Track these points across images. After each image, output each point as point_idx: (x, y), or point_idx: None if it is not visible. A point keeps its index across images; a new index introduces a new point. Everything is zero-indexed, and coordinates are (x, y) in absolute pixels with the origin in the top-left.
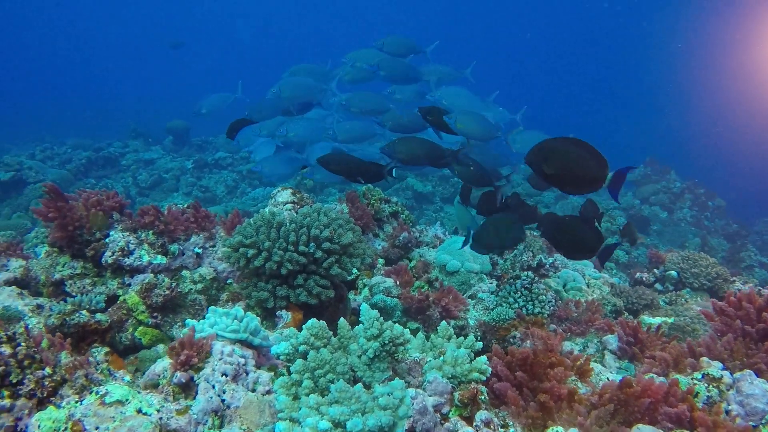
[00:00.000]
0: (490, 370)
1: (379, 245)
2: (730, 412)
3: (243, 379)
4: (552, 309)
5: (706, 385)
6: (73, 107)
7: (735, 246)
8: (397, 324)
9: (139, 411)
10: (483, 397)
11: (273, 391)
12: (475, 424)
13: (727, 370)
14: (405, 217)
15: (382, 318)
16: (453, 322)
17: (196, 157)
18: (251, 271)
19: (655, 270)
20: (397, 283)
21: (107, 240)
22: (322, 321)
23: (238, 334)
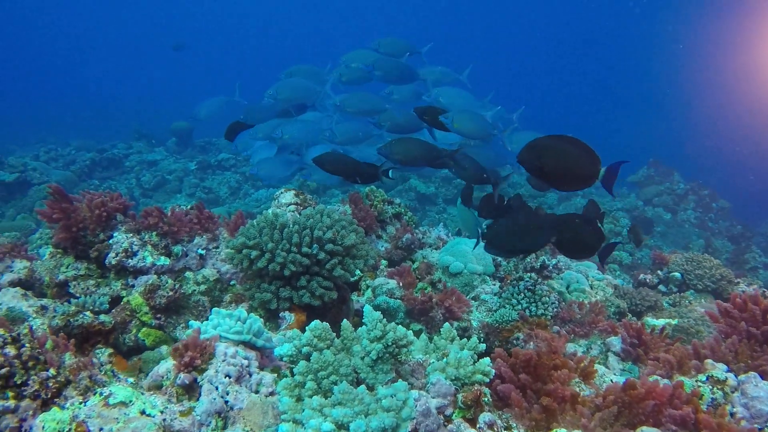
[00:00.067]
0: (493, 372)
1: (382, 247)
2: (734, 414)
3: (246, 380)
4: (555, 310)
5: (711, 387)
6: (75, 108)
7: (739, 248)
8: (400, 325)
9: (143, 412)
10: (486, 399)
11: (276, 392)
12: (478, 426)
13: (732, 373)
14: (408, 218)
15: (385, 319)
16: (456, 323)
17: (200, 158)
18: (254, 273)
19: (658, 271)
20: (400, 284)
21: (111, 241)
22: (325, 322)
23: (242, 336)
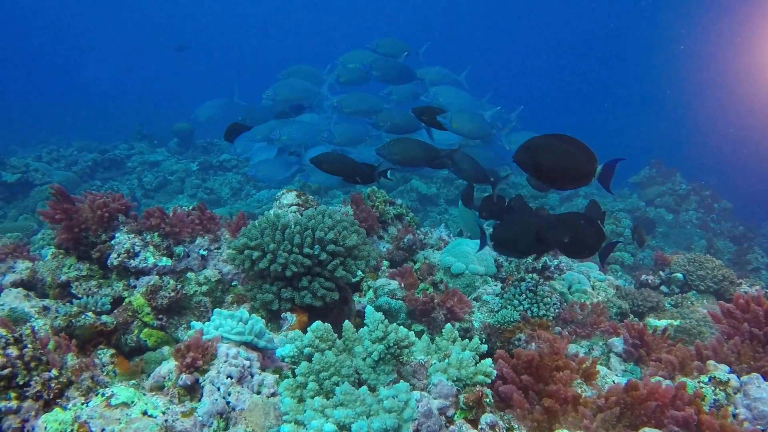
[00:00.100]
0: (495, 373)
1: (384, 247)
2: (737, 415)
3: (248, 381)
4: (557, 311)
5: (713, 388)
6: (77, 109)
7: (741, 248)
8: (401, 326)
9: (145, 413)
10: (488, 400)
11: (278, 393)
12: (480, 427)
13: (735, 374)
14: (409, 219)
15: (386, 320)
16: (458, 324)
17: (201, 159)
18: (256, 273)
19: (660, 272)
20: (402, 285)
21: (113, 242)
22: (326, 323)
23: (243, 337)
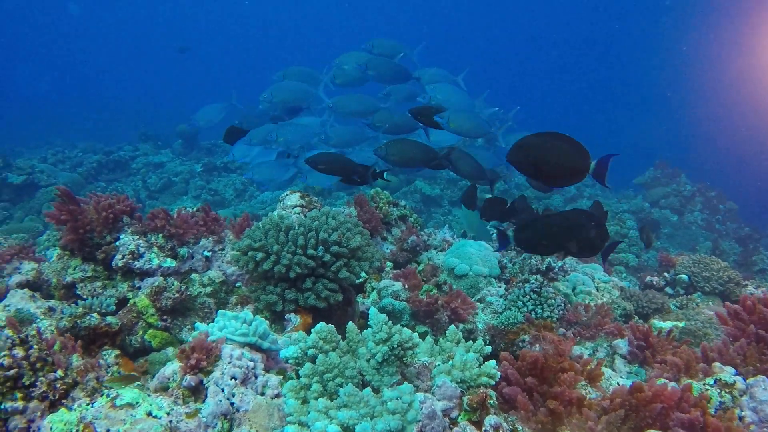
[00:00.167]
0: (499, 375)
1: (388, 249)
2: (743, 418)
3: (252, 382)
4: (561, 313)
5: (719, 390)
6: (81, 111)
7: (747, 249)
8: (405, 328)
9: (149, 414)
10: (492, 402)
11: (282, 394)
12: (484, 428)
13: (740, 376)
14: (413, 220)
15: (390, 321)
16: (462, 325)
17: (205, 160)
18: (260, 275)
19: (665, 273)
20: (406, 286)
21: (117, 243)
22: (330, 325)
23: (247, 338)
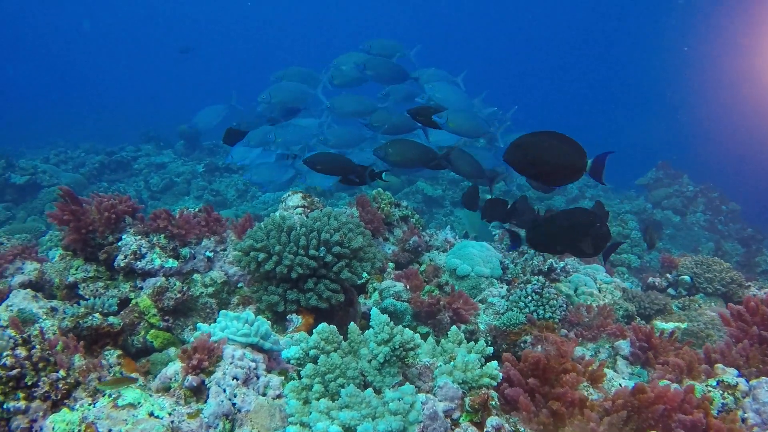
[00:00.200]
0: (501, 376)
1: (389, 249)
2: (746, 420)
3: (254, 383)
4: (563, 314)
5: (721, 392)
6: (84, 111)
7: (750, 250)
8: (407, 328)
9: (151, 414)
10: (494, 403)
11: (283, 395)
12: (486, 429)
13: (743, 377)
14: (415, 221)
15: (392, 322)
16: (463, 326)
17: (207, 161)
18: (262, 275)
19: (667, 275)
20: (408, 287)
21: (120, 244)
22: (332, 325)
23: (249, 338)
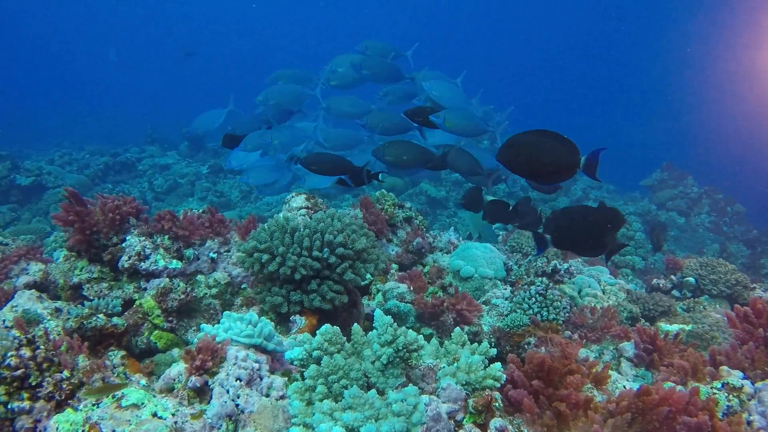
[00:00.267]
0: (504, 377)
1: (393, 251)
2: (752, 423)
3: (257, 384)
4: (567, 315)
5: (726, 394)
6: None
7: (755, 252)
8: (410, 330)
9: (155, 415)
10: (497, 404)
11: (287, 396)
12: (489, 431)
13: (749, 380)
14: (419, 222)
15: (395, 324)
16: (467, 328)
17: (211, 162)
18: (265, 276)
19: (672, 276)
20: (411, 288)
21: (124, 245)
22: (335, 326)
23: (253, 339)
